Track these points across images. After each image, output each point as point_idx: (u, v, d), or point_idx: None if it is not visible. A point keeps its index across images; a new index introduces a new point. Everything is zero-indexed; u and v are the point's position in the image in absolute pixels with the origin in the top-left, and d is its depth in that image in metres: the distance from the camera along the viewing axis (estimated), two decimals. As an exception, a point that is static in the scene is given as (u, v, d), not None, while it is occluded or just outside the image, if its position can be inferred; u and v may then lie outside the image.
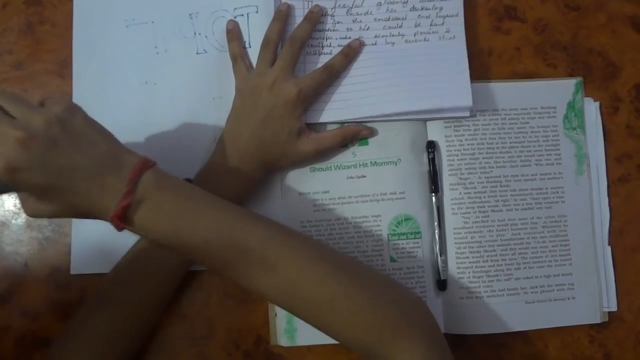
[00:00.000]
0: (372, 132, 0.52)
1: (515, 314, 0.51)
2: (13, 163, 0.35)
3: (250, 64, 0.52)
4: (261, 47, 0.51)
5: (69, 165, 0.37)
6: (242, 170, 0.48)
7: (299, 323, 0.51)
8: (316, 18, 0.52)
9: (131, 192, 0.38)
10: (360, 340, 0.40)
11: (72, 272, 0.52)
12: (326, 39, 0.53)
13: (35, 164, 0.36)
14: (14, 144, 0.35)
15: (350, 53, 0.52)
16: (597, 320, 0.52)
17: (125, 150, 0.40)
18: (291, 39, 0.51)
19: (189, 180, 0.48)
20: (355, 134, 0.52)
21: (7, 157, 0.35)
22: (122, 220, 0.38)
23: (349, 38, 0.53)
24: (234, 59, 0.52)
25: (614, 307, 0.52)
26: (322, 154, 0.51)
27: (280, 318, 0.51)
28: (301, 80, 0.49)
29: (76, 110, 0.39)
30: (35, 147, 0.36)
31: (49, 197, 0.38)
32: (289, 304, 0.41)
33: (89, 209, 0.38)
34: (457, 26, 0.53)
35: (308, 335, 0.51)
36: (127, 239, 0.51)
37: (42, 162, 0.36)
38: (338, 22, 0.54)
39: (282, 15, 0.52)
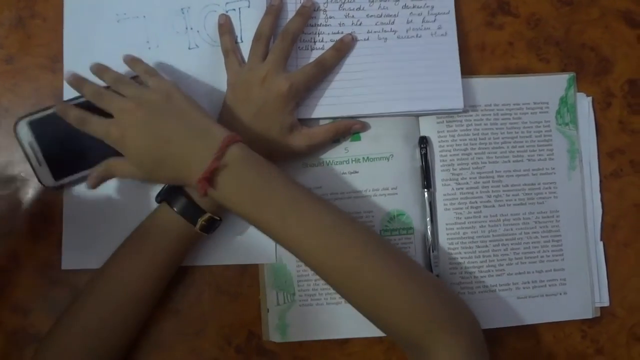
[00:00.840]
0: (364, 127, 0.52)
1: (508, 310, 0.51)
2: (123, 124, 0.44)
3: (242, 58, 0.52)
4: (253, 41, 0.51)
5: (167, 132, 0.44)
6: None
7: (291, 319, 0.51)
8: (308, 13, 0.52)
9: (219, 158, 0.42)
10: (406, 330, 0.42)
11: (64, 267, 0.52)
12: (318, 34, 0.53)
13: (140, 126, 0.44)
14: (125, 112, 0.45)
15: (342, 48, 0.52)
16: (589, 316, 0.52)
17: (218, 126, 0.45)
18: (283, 33, 0.50)
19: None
20: (348, 128, 0.52)
21: (119, 124, 0.44)
22: (208, 183, 0.42)
23: (341, 33, 0.53)
24: (226, 53, 0.52)
25: (606, 303, 0.52)
26: (314, 149, 0.51)
27: (273, 314, 0.51)
28: (293, 75, 0.49)
29: (177, 88, 0.47)
30: (140, 113, 0.44)
31: (144, 160, 0.45)
32: (346, 285, 0.44)
33: (178, 174, 0.44)
34: (449, 23, 0.53)
35: (300, 331, 0.51)
36: (118, 235, 0.51)
37: (145, 125, 0.44)
38: (330, 17, 0.53)
39: (274, 10, 0.52)
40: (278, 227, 0.44)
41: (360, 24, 0.54)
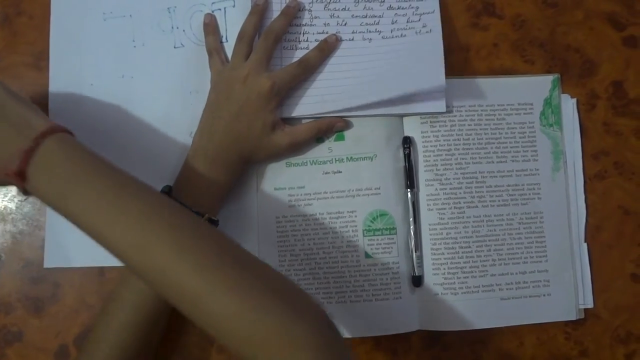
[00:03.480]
0: (347, 125, 0.52)
1: (491, 311, 0.51)
2: None
3: (226, 58, 0.52)
4: (236, 40, 0.51)
5: None
6: (222, 163, 0.48)
7: (273, 318, 0.51)
8: (292, 12, 0.52)
9: (31, 150, 0.38)
10: (236, 348, 0.36)
11: (46, 265, 0.52)
12: (303, 33, 0.53)
13: None
14: None
15: (326, 48, 0.52)
16: (573, 317, 0.51)
17: (40, 117, 0.41)
18: (266, 32, 0.51)
19: (169, 187, 0.48)
20: (330, 126, 0.52)
21: None
22: (21, 179, 0.38)
23: (326, 33, 0.53)
24: (210, 53, 0.52)
25: (590, 304, 0.52)
26: (296, 148, 0.51)
27: (255, 313, 0.51)
28: (275, 74, 0.49)
29: None
30: None
31: None
32: (156, 287, 0.38)
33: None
34: (434, 21, 0.53)
35: (282, 330, 0.51)
36: None
37: None
38: (315, 17, 0.54)
39: (259, 10, 0.52)
40: (82, 220, 0.38)
41: (345, 24, 0.54)
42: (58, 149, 0.39)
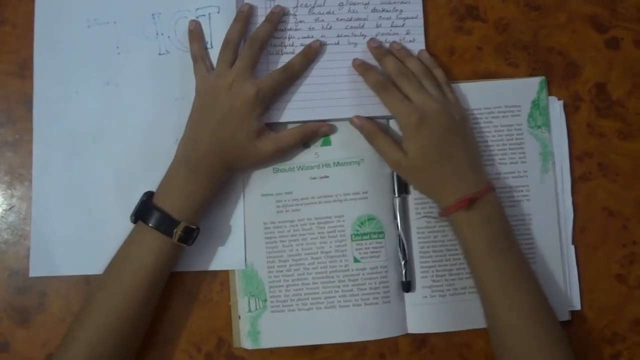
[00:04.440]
0: (332, 129, 0.52)
1: (478, 312, 0.50)
2: (424, 115, 0.49)
3: (211, 64, 0.52)
4: (221, 47, 0.51)
5: (453, 149, 0.48)
6: (205, 172, 0.48)
7: (262, 325, 0.51)
8: (277, 18, 0.52)
9: (482, 192, 0.48)
10: None
11: (31, 274, 0.51)
12: (288, 38, 0.53)
13: (439, 129, 0.48)
14: (430, 108, 0.49)
15: (310, 53, 0.52)
16: (564, 319, 0.52)
17: (484, 169, 0.52)
18: (251, 39, 0.50)
19: (151, 193, 0.48)
20: (315, 131, 0.52)
21: (422, 113, 0.49)
22: (466, 205, 0.47)
23: (312, 37, 0.53)
24: (195, 59, 0.52)
25: (577, 306, 0.52)
26: (282, 154, 0.51)
27: (244, 321, 0.51)
28: (260, 80, 0.49)
29: (468, 116, 0.52)
30: (444, 120, 0.49)
31: (420, 157, 0.48)
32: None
33: (435, 184, 0.49)
34: (417, 28, 0.54)
35: (272, 338, 0.51)
36: (85, 242, 0.51)
37: (442, 131, 0.49)
38: (300, 22, 0.54)
39: (244, 16, 0.52)
40: (493, 273, 0.47)
41: (330, 28, 0.54)
42: (495, 203, 0.49)
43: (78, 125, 0.53)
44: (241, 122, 0.48)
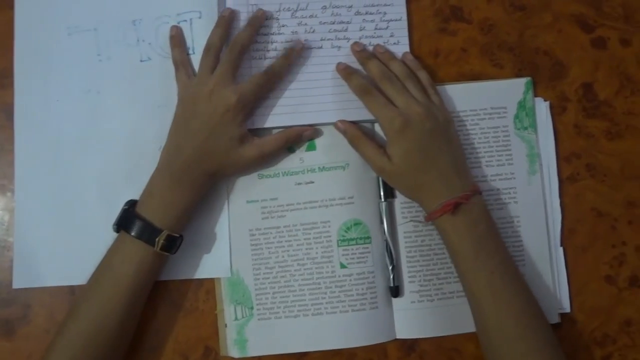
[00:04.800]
0: (316, 133, 0.52)
1: (467, 316, 0.50)
2: (408, 119, 0.48)
3: (193, 70, 0.51)
4: (203, 53, 0.50)
5: (437, 153, 0.48)
6: (187, 180, 0.47)
7: (249, 333, 0.50)
8: (258, 22, 0.52)
9: (468, 197, 0.47)
10: None
11: (15, 286, 0.51)
12: (271, 42, 0.53)
13: (422, 134, 0.48)
14: (414, 112, 0.48)
15: (291, 55, 0.51)
16: (554, 321, 0.51)
17: (469, 172, 0.51)
18: (232, 44, 0.50)
19: (133, 201, 0.48)
20: (298, 135, 0.51)
21: (405, 117, 0.48)
22: (452, 208, 0.47)
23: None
24: (176, 66, 0.51)
25: (567, 308, 0.52)
26: (266, 159, 0.51)
27: (231, 328, 0.50)
28: (241, 86, 0.48)
29: (452, 119, 0.52)
30: (428, 124, 0.48)
31: (403, 161, 0.48)
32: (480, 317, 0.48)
33: (419, 188, 0.48)
34: (401, 30, 0.53)
35: (259, 345, 0.50)
36: (69, 252, 0.51)
37: (426, 136, 0.48)
38: (283, 26, 0.53)
39: (224, 21, 0.51)
40: (481, 277, 0.46)
41: (313, 32, 0.53)
42: (481, 206, 0.48)
43: (60, 133, 0.52)
44: (223, 129, 0.47)
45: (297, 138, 0.51)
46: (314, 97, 0.52)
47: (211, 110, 0.47)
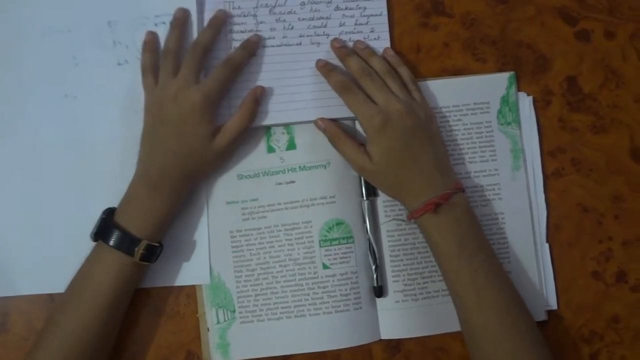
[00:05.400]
0: (264, 90, 0.50)
1: (452, 315, 0.49)
2: (389, 117, 0.47)
3: None
4: (161, 58, 0.49)
5: (419, 151, 0.47)
6: (165, 187, 0.47)
7: (232, 337, 0.50)
8: (219, 23, 0.51)
9: (449, 196, 0.46)
10: None
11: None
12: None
13: (402, 132, 0.47)
14: (394, 109, 0.47)
15: (250, 46, 0.51)
16: (540, 319, 0.50)
17: (452, 168, 0.50)
18: (192, 46, 0.49)
19: (111, 210, 0.47)
20: (254, 100, 0.49)
21: (385, 114, 0.47)
22: (433, 207, 0.46)
23: (273, 38, 0.52)
24: (144, 72, 0.50)
25: (553, 306, 0.51)
26: (235, 143, 0.49)
27: (213, 333, 0.50)
28: (203, 84, 0.47)
29: (435, 115, 0.51)
30: (409, 122, 0.47)
31: (383, 161, 0.47)
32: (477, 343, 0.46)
33: (400, 187, 0.48)
34: (381, 26, 0.53)
35: (242, 349, 0.50)
36: (47, 260, 0.50)
37: (406, 134, 0.47)
38: (261, 22, 0.52)
39: (179, 23, 0.50)
40: (465, 276, 0.45)
41: (292, 28, 0.52)
42: (464, 204, 0.48)
43: (36, 139, 0.51)
44: (194, 130, 0.46)
45: (255, 103, 0.50)
46: (293, 95, 0.51)
47: (178, 113, 0.46)
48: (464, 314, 0.46)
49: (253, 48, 0.51)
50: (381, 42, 0.52)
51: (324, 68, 0.50)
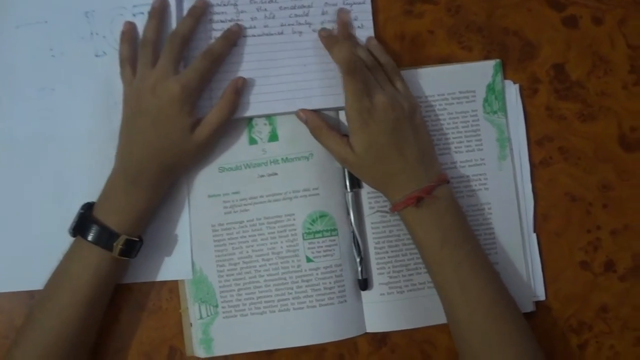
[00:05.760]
0: (245, 82, 0.49)
1: (438, 307, 0.48)
2: (375, 106, 0.47)
3: None
4: (139, 49, 0.48)
5: (403, 143, 0.46)
6: (144, 180, 0.46)
7: (215, 333, 0.49)
8: (199, 12, 0.49)
9: (432, 188, 0.45)
10: None
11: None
12: (230, 30, 0.51)
13: (386, 124, 0.46)
14: (379, 101, 0.46)
15: (230, 36, 0.50)
16: (528, 310, 0.50)
17: (437, 159, 0.50)
18: (171, 36, 0.48)
19: (90, 204, 0.46)
20: (235, 91, 0.48)
21: (373, 100, 0.46)
22: (415, 201, 0.45)
23: (254, 27, 0.51)
24: (122, 63, 0.49)
25: (541, 296, 0.50)
26: (217, 135, 0.48)
27: (196, 328, 0.49)
28: (182, 75, 0.46)
29: (419, 106, 0.50)
30: (393, 115, 0.46)
31: (368, 153, 0.46)
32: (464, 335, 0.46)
33: (385, 180, 0.47)
34: (365, 14, 0.51)
35: (226, 344, 0.49)
36: (26, 256, 0.49)
37: (390, 126, 0.46)
38: (242, 12, 0.51)
39: (156, 12, 0.49)
40: (448, 269, 0.45)
41: (273, 17, 0.51)
42: (448, 197, 0.47)
43: (12, 133, 0.50)
44: (173, 122, 0.45)
45: (237, 94, 0.48)
46: (275, 86, 0.50)
47: (156, 104, 0.45)
48: (448, 307, 0.45)
49: (234, 38, 0.50)
50: (364, 31, 0.51)
51: (328, 40, 0.49)
